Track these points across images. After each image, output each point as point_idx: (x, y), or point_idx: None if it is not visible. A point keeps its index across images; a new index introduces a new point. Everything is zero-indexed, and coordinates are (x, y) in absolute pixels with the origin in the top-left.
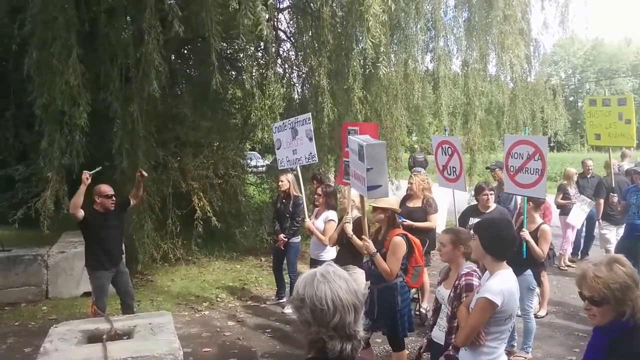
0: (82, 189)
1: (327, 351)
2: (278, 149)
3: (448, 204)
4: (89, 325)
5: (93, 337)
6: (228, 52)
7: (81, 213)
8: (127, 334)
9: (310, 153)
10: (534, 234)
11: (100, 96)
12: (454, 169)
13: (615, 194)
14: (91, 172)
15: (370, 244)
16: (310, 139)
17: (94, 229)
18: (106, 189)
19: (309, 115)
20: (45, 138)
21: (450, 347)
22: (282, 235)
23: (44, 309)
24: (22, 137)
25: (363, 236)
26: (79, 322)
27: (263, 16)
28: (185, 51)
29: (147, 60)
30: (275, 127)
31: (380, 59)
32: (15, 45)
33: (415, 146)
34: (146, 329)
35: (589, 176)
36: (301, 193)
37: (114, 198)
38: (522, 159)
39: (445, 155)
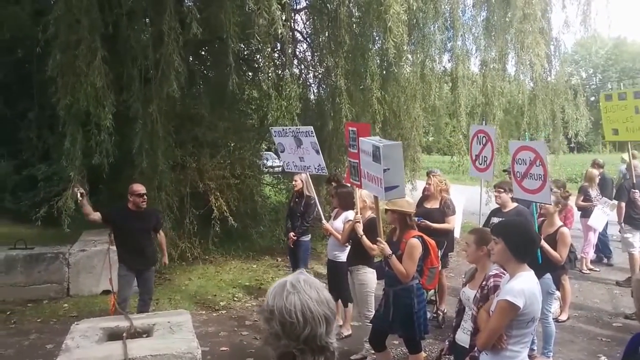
0: (80, 203)
1: None
2: (282, 152)
3: (463, 205)
4: (109, 322)
5: (113, 335)
6: (245, 53)
7: (97, 215)
8: (147, 332)
9: (320, 165)
10: (553, 237)
11: (121, 97)
12: (485, 159)
13: (637, 191)
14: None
15: (385, 246)
16: (318, 152)
17: (127, 227)
18: (138, 187)
19: (311, 128)
20: (68, 138)
21: (476, 348)
22: (291, 234)
23: (65, 306)
24: (44, 138)
25: (378, 238)
26: (99, 319)
27: (278, 15)
28: (203, 52)
29: (167, 61)
30: (275, 132)
31: (404, 58)
32: (39, 48)
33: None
34: (165, 328)
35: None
36: (313, 193)
37: (145, 197)
38: (526, 164)
39: (480, 144)
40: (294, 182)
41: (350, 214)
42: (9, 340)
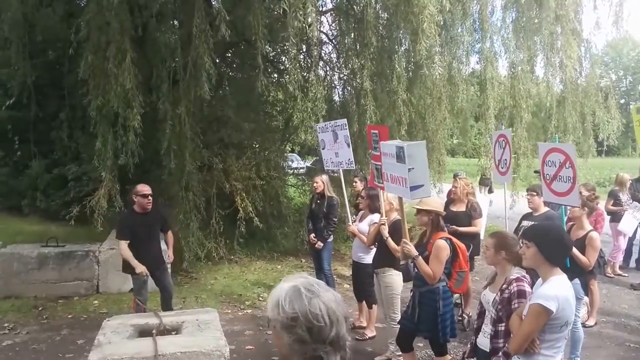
0: (131, 262)
1: None
2: (323, 149)
3: (487, 209)
4: (139, 319)
5: (143, 332)
6: (271, 55)
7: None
8: (176, 330)
9: (349, 159)
10: (582, 241)
11: (150, 98)
12: (505, 162)
13: None
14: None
15: (411, 247)
16: (349, 145)
17: (136, 231)
18: (143, 188)
19: (345, 121)
20: (99, 139)
21: (501, 353)
22: (312, 236)
23: (95, 302)
24: (75, 138)
25: (404, 239)
26: (129, 316)
27: (314, 17)
28: (229, 54)
29: (197, 63)
30: (319, 128)
31: (436, 60)
32: (72, 50)
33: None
34: (193, 325)
35: None
36: (343, 195)
37: (150, 197)
38: (555, 166)
39: (501, 148)
40: (314, 184)
41: (376, 217)
42: (42, 335)
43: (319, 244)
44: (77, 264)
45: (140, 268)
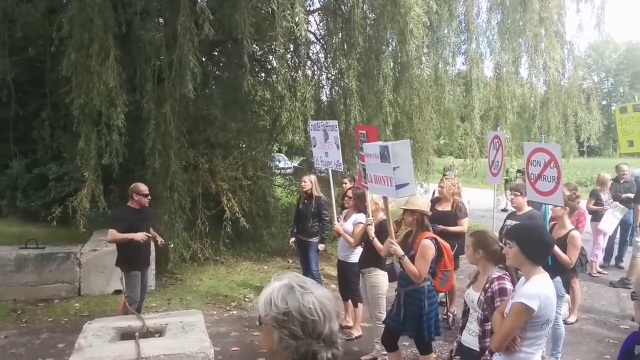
0: (130, 237)
1: None
2: (314, 146)
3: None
4: (121, 322)
5: (126, 334)
6: (258, 54)
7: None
8: (159, 332)
9: (338, 160)
10: (564, 240)
11: (134, 97)
12: (497, 163)
13: None
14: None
15: (397, 247)
16: (338, 147)
17: (136, 227)
18: (143, 187)
19: (336, 122)
20: (82, 138)
21: (487, 352)
22: (292, 241)
23: (77, 305)
24: (57, 137)
25: (389, 238)
26: (111, 319)
27: (302, 17)
28: (216, 53)
29: (182, 62)
30: (312, 125)
31: (423, 61)
32: (54, 47)
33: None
34: (178, 328)
35: (622, 181)
36: (331, 195)
37: (149, 197)
38: (540, 166)
39: (494, 150)
40: (302, 183)
41: (360, 217)
42: (21, 340)
43: (321, 246)
44: (57, 266)
45: (140, 235)
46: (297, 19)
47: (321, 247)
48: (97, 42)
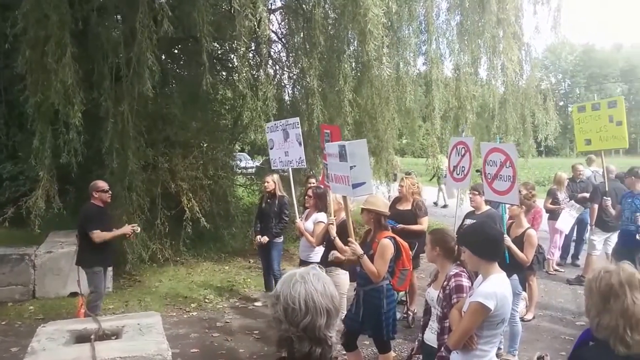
0: (120, 232)
1: (295, 351)
2: (271, 149)
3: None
4: (76, 325)
5: (81, 337)
6: (219, 52)
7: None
8: (116, 334)
9: (300, 157)
10: (521, 238)
11: (91, 95)
12: (463, 169)
13: (609, 198)
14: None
15: (356, 246)
16: (300, 144)
17: (103, 225)
18: (103, 184)
19: (298, 119)
20: (37, 137)
21: (443, 347)
22: (258, 237)
23: (31, 308)
24: (12, 136)
25: (349, 238)
26: (66, 321)
27: (265, 16)
28: (176, 51)
29: (140, 59)
30: (268, 127)
31: (384, 61)
32: (8, 44)
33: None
34: (134, 330)
35: (578, 180)
36: (292, 194)
37: (110, 192)
38: (496, 166)
39: (458, 155)
40: (265, 183)
41: (320, 216)
42: None
43: (264, 239)
44: (11, 268)
45: (127, 228)
46: (259, 18)
47: (265, 239)
48: (53, 39)
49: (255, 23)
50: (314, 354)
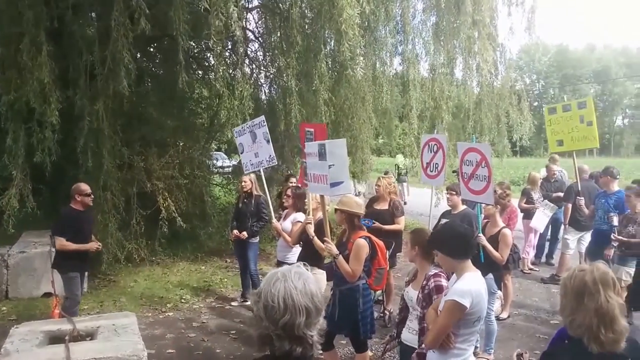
0: (83, 248)
1: (275, 349)
2: (242, 153)
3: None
4: (51, 326)
5: (55, 338)
6: (195, 51)
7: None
8: (90, 335)
9: (270, 155)
10: (496, 237)
11: (67, 94)
12: (437, 166)
13: (582, 198)
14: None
15: (332, 246)
16: (268, 142)
17: (81, 230)
18: (86, 187)
19: (263, 117)
20: (10, 135)
21: (422, 345)
22: (238, 233)
23: (4, 309)
24: None
25: (325, 238)
26: (40, 322)
27: (235, 17)
28: (152, 49)
29: (116, 57)
30: (236, 132)
31: (358, 62)
32: None
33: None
34: (110, 330)
35: (552, 180)
36: (266, 194)
37: (92, 196)
38: (472, 165)
39: (431, 152)
40: (242, 183)
41: (299, 216)
42: None
43: (244, 234)
44: None
45: (94, 244)
46: (233, 17)
47: (244, 235)
48: (27, 36)
49: (229, 21)
50: (294, 352)
